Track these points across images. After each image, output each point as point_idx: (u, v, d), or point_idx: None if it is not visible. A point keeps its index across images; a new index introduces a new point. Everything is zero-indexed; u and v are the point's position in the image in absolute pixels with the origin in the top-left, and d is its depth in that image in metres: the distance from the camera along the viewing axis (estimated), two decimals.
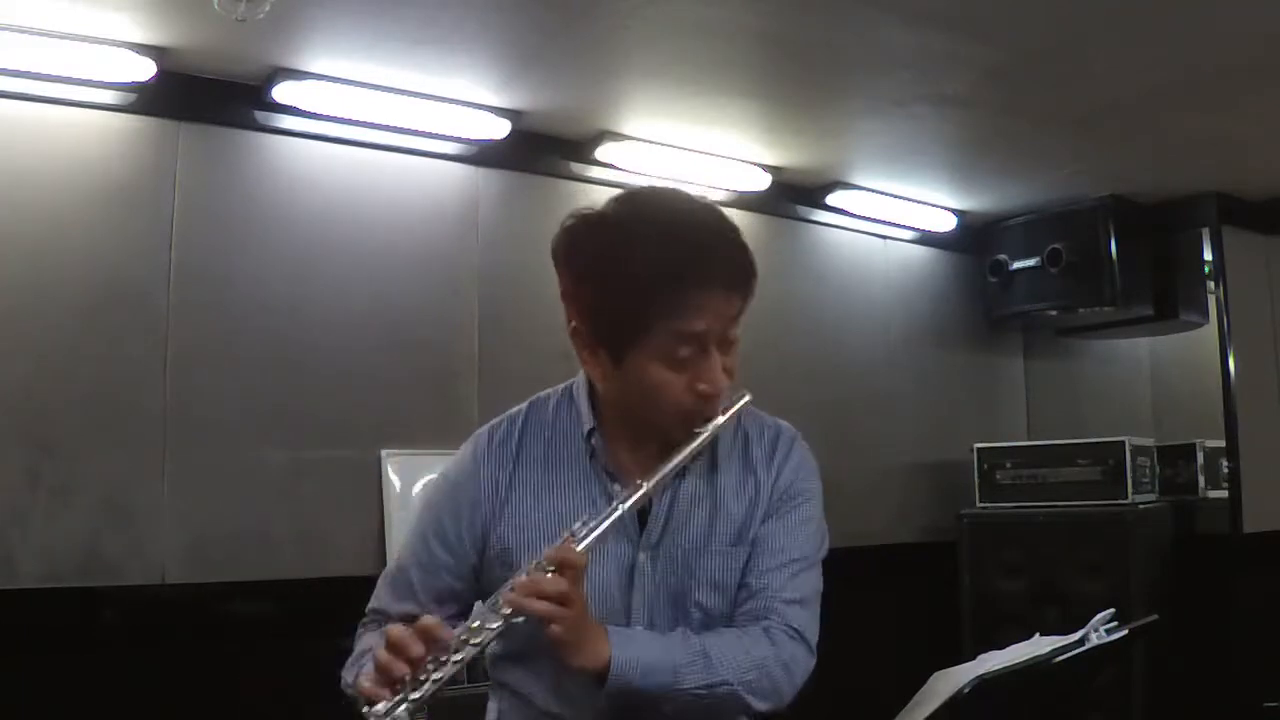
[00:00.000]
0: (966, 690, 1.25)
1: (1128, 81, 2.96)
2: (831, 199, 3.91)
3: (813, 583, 1.44)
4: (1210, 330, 4.16)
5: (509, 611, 1.21)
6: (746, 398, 1.39)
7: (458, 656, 1.19)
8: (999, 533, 3.91)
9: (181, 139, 2.78)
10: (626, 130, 3.30)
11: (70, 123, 2.64)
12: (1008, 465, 4.01)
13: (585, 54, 2.80)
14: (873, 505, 4.02)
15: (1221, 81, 2.95)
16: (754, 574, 1.39)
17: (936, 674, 1.40)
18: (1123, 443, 3.82)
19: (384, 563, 2.83)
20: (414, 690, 1.17)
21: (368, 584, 1.55)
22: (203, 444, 2.72)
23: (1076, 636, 1.40)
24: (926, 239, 4.34)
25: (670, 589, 1.38)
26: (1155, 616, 1.77)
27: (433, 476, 2.96)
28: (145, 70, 2.61)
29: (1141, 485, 3.86)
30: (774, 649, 1.35)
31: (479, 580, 1.43)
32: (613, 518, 1.27)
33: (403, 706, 1.16)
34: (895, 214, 4.12)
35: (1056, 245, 4.04)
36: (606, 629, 1.28)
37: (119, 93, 2.67)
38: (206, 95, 2.80)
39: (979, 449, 4.07)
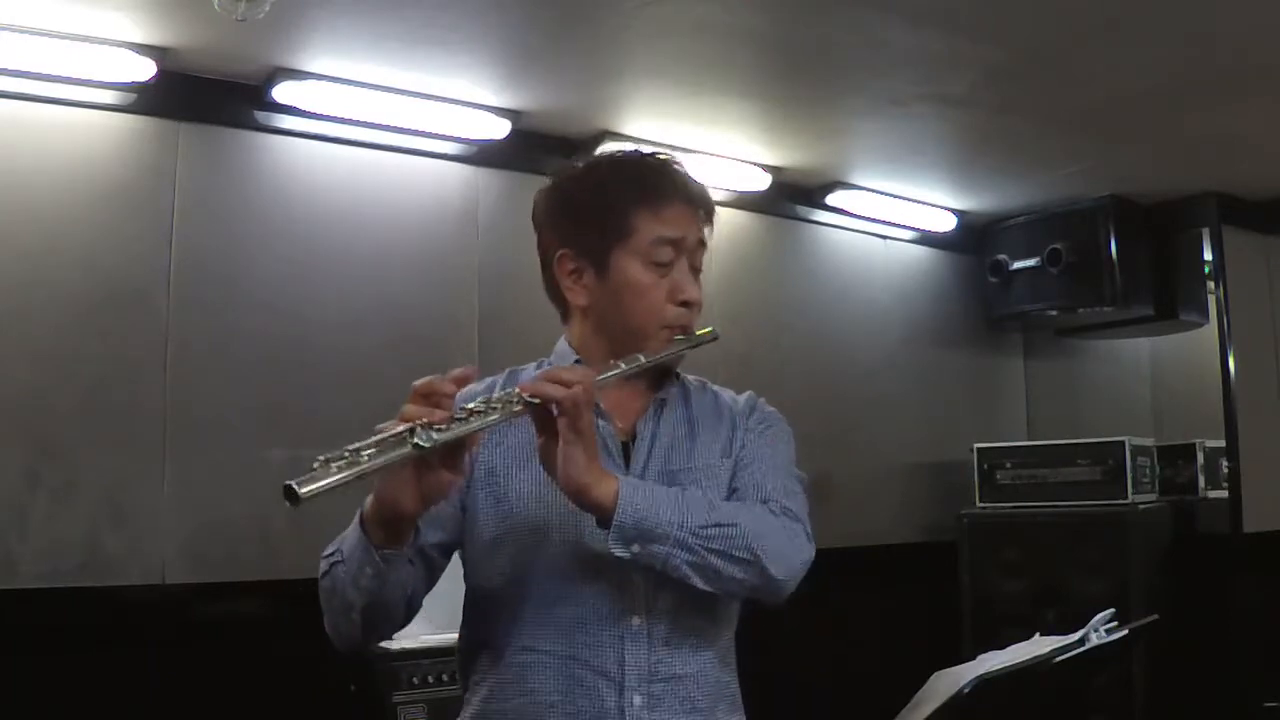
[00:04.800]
0: (966, 690, 1.26)
1: (1128, 81, 2.96)
2: (831, 199, 3.91)
3: (799, 489, 1.46)
4: (1210, 330, 4.16)
5: (528, 395, 1.22)
6: (716, 331, 1.48)
7: (475, 421, 1.18)
8: (999, 533, 3.91)
9: (181, 139, 2.78)
10: (626, 130, 3.30)
11: (70, 123, 2.64)
12: (1008, 465, 4.01)
13: (585, 54, 2.80)
14: (873, 505, 4.02)
15: (1221, 81, 2.95)
16: (741, 480, 1.43)
17: (936, 674, 1.40)
18: (1123, 443, 3.82)
19: None
20: (435, 427, 1.15)
21: None
22: (203, 444, 2.73)
23: (1076, 636, 1.40)
24: (926, 239, 4.34)
25: None
26: (1155, 616, 1.77)
27: None
28: (145, 70, 2.61)
29: (1141, 485, 3.86)
30: (775, 518, 1.37)
31: (464, 511, 1.40)
32: (616, 373, 1.33)
33: (428, 429, 1.14)
34: (895, 214, 4.12)
35: (1056, 245, 4.05)
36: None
37: (119, 93, 2.67)
38: (206, 95, 2.80)
39: (979, 449, 4.07)
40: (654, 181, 1.42)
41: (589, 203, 1.41)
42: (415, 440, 1.13)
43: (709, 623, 1.40)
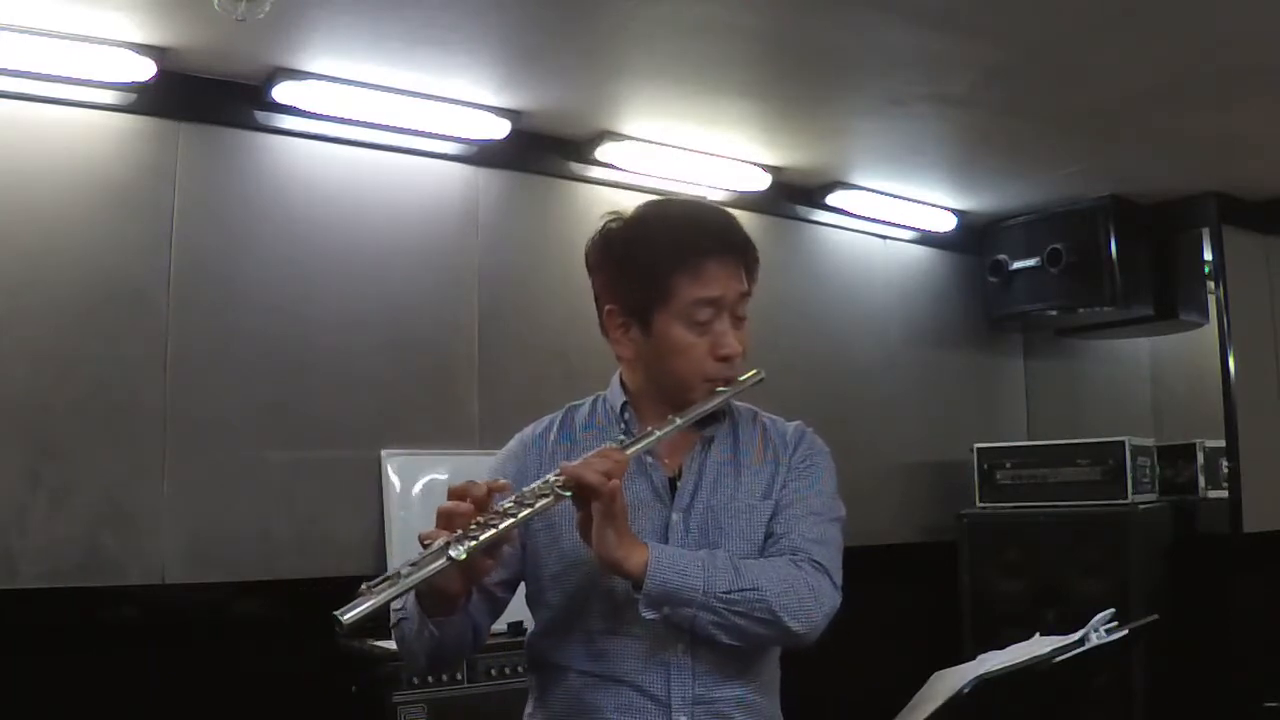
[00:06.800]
0: (966, 690, 1.25)
1: (1128, 81, 2.96)
2: (831, 199, 3.91)
3: (833, 533, 1.52)
4: (1210, 330, 4.17)
5: (561, 484, 1.31)
6: (761, 373, 1.54)
7: (508, 521, 1.27)
8: (999, 533, 3.91)
9: (181, 139, 2.78)
10: (626, 130, 3.30)
11: (70, 123, 2.64)
12: (1008, 465, 4.02)
13: (585, 54, 2.80)
14: (873, 505, 4.01)
15: (1221, 81, 2.95)
16: (779, 523, 1.50)
17: (936, 674, 1.40)
18: (1123, 443, 3.82)
19: (384, 563, 2.84)
20: (469, 535, 1.23)
21: None
22: (203, 444, 2.73)
23: (1076, 636, 1.40)
24: (926, 239, 4.34)
25: (702, 545, 1.46)
26: (1155, 616, 1.76)
27: (433, 476, 2.98)
28: (145, 70, 2.61)
29: (1141, 485, 3.86)
30: (800, 573, 1.43)
31: (525, 550, 1.49)
32: (650, 440, 1.41)
33: (461, 542, 1.22)
34: (895, 214, 4.12)
35: (1056, 245, 4.05)
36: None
37: (119, 93, 2.67)
38: (206, 95, 2.80)
39: (979, 449, 4.07)
40: (692, 240, 1.47)
41: (631, 265, 1.48)
42: (450, 554, 1.22)
43: (750, 654, 1.47)
